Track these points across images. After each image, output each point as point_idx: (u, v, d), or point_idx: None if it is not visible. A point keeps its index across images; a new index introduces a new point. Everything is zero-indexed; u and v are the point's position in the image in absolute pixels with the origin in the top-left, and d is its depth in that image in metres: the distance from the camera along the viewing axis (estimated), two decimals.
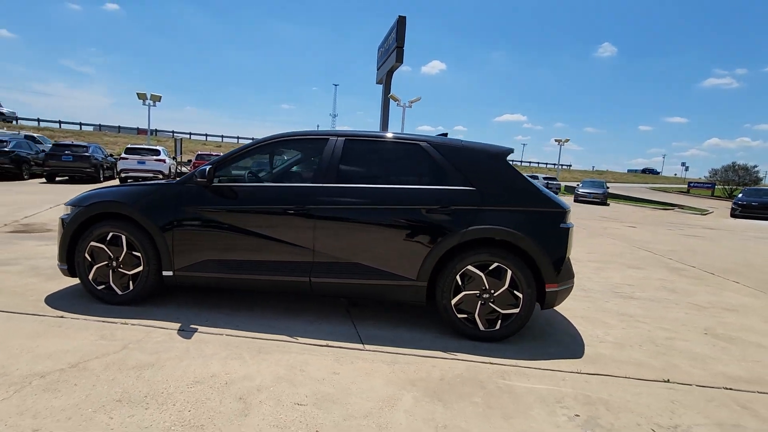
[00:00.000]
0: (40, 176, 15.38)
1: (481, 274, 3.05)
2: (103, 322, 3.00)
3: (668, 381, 2.65)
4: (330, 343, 2.90)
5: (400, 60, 20.84)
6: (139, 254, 3.31)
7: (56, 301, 3.36)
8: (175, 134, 43.01)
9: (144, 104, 21.82)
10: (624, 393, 2.45)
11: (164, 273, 3.31)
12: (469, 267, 3.06)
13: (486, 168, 3.24)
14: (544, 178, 29.49)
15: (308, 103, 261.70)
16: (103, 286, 3.36)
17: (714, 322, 3.93)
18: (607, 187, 23.84)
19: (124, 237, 3.31)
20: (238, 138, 48.34)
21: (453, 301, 3.09)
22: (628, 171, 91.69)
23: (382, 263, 3.15)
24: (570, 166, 78.41)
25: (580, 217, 13.90)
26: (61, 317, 3.04)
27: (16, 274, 3.99)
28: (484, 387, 2.41)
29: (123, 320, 3.04)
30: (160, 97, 22.17)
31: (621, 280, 5.35)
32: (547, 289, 3.06)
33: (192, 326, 3.02)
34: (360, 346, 2.89)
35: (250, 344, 2.79)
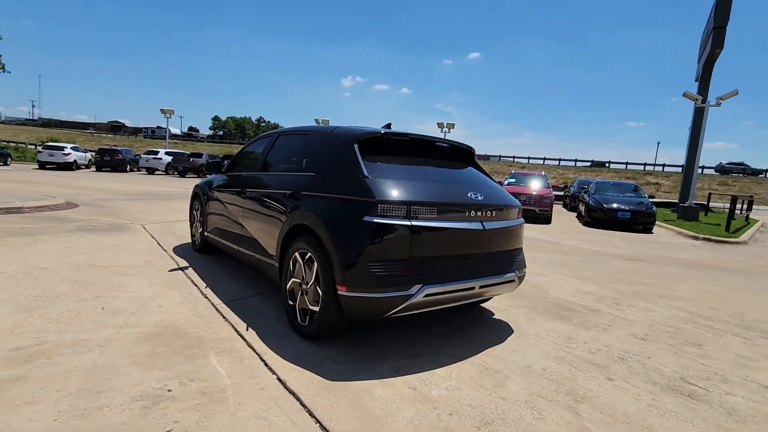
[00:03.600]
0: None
1: (302, 262, 2.90)
2: (170, 257, 4.88)
3: None
4: (210, 296, 3.59)
5: (718, 45, 15.72)
6: (202, 220, 5.08)
7: (178, 245, 5.58)
8: (501, 158, 48.70)
9: (441, 131, 26.59)
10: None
11: (205, 234, 4.92)
12: (296, 254, 2.97)
13: (329, 154, 3.01)
14: None
15: (661, 119, 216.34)
16: (193, 238, 5.36)
17: None
18: None
19: (199, 207, 5.17)
20: (560, 160, 45.85)
21: (287, 286, 3.07)
22: None
23: (264, 242, 3.51)
24: None
25: None
26: (165, 251, 5.17)
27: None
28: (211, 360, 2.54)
29: (177, 257, 4.84)
30: (454, 124, 27.06)
31: None
32: (338, 292, 2.54)
33: (188, 269, 4.43)
34: (220, 304, 3.42)
35: (180, 281, 3.92)
